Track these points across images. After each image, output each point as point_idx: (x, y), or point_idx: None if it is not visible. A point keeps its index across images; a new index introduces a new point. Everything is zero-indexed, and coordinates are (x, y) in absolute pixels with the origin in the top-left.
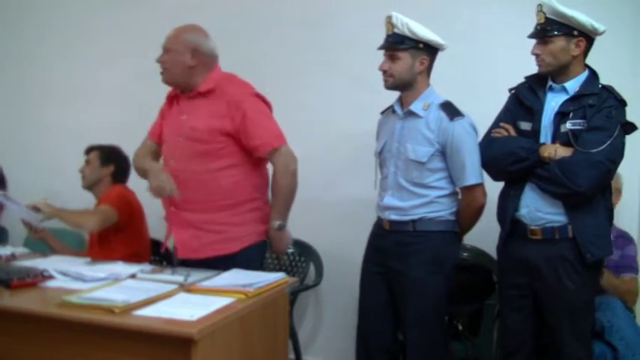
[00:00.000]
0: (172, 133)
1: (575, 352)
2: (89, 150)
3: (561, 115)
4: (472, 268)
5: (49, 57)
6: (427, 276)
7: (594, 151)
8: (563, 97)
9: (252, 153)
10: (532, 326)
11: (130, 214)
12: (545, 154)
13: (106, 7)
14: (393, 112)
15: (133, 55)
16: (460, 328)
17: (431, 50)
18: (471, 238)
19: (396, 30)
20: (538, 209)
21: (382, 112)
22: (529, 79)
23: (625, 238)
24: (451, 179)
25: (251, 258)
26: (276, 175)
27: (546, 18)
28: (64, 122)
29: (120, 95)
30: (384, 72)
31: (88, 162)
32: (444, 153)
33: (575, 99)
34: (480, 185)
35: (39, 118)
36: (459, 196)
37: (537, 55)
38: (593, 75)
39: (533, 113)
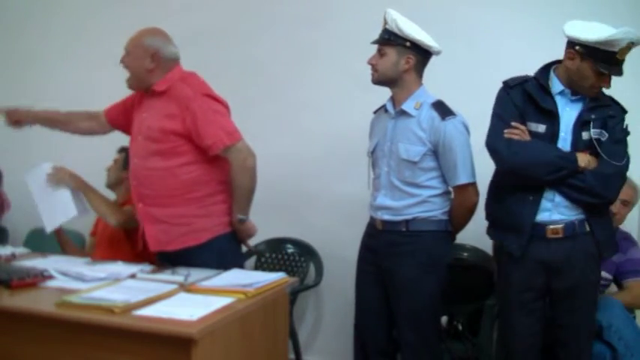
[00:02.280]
0: (135, 131)
1: (587, 348)
2: (120, 150)
3: (583, 123)
4: (472, 268)
5: (49, 57)
6: (420, 276)
7: (621, 163)
8: (579, 105)
9: (206, 152)
10: (541, 330)
11: None
12: (583, 165)
13: (105, 7)
14: (385, 111)
15: None
16: (460, 328)
17: (419, 50)
18: (470, 238)
19: (387, 26)
20: (559, 212)
21: (375, 112)
22: (540, 77)
23: (629, 241)
24: (443, 178)
25: (222, 248)
26: (232, 171)
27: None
28: None
29: (120, 96)
30: (372, 66)
31: (115, 162)
32: (435, 152)
33: (594, 108)
34: (473, 184)
35: None
36: (451, 196)
37: (605, 87)
38: None
39: (551, 116)
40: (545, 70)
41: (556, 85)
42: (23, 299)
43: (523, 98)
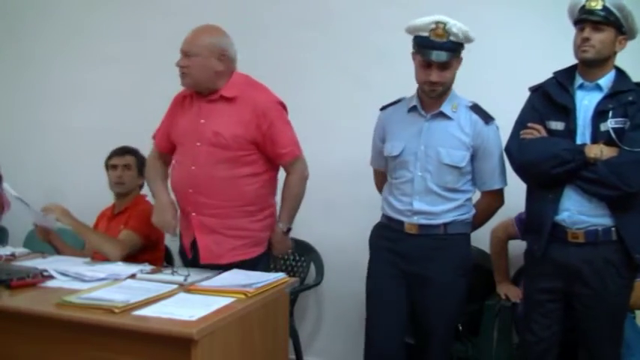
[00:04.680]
0: (190, 137)
1: (611, 356)
2: (126, 152)
3: (600, 114)
4: (472, 268)
5: (47, 56)
6: (454, 280)
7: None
8: (597, 95)
9: (275, 160)
10: (559, 332)
11: (150, 236)
12: (592, 155)
13: (103, 7)
14: (410, 111)
15: (131, 55)
16: (460, 328)
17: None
18: (471, 238)
19: (452, 38)
20: (581, 212)
21: (383, 108)
22: (558, 74)
23: None
24: (473, 181)
25: (268, 262)
26: (292, 181)
27: (604, 6)
28: (62, 122)
29: (117, 95)
30: (434, 83)
31: (128, 167)
32: (473, 156)
33: (612, 96)
34: (502, 189)
35: (36, 117)
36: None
37: (587, 40)
38: (621, 72)
39: (567, 112)
40: (571, 68)
41: (578, 80)
42: (23, 299)
43: (542, 99)
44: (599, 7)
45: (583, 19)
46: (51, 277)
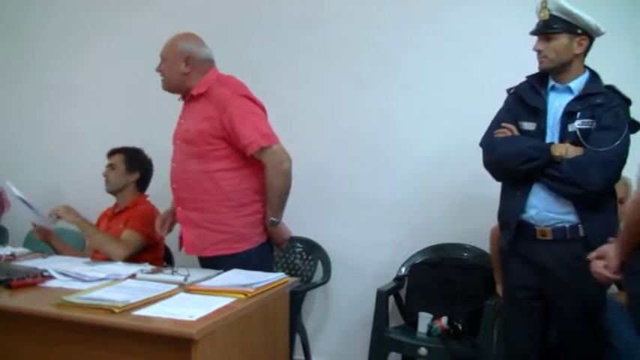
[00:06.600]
0: (174, 137)
1: (594, 351)
2: (112, 153)
3: (568, 115)
4: (472, 268)
5: (46, 56)
6: None
7: (605, 149)
8: (568, 97)
9: (245, 153)
10: (541, 330)
11: (152, 235)
12: (557, 154)
13: (103, 7)
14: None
15: (130, 55)
16: (460, 328)
17: None
18: (471, 238)
19: None
20: (548, 209)
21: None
22: (530, 78)
23: None
24: None
25: (255, 260)
26: (267, 174)
27: (550, 14)
28: (61, 121)
29: (116, 94)
30: None
31: (112, 166)
32: None
33: (581, 98)
34: None
35: (34, 116)
36: None
37: (539, 52)
38: (594, 75)
39: (538, 113)
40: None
41: (550, 82)
42: (23, 299)
43: (515, 100)
44: (547, 17)
45: (534, 31)
46: (51, 277)
